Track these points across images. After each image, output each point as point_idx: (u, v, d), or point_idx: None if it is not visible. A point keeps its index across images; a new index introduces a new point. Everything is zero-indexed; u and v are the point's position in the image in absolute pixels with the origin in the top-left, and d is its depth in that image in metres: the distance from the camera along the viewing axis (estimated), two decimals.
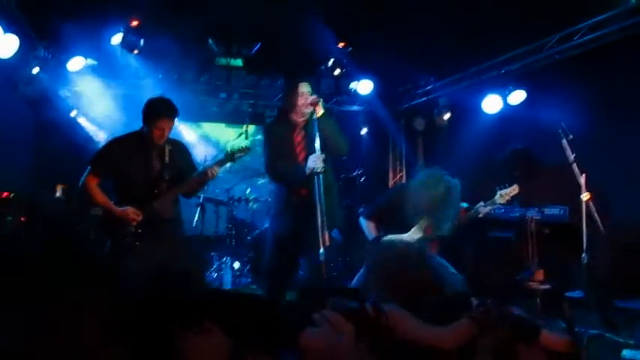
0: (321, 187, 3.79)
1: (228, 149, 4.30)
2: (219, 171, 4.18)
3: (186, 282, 1.89)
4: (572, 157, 4.50)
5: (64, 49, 6.62)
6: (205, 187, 7.40)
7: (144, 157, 4.03)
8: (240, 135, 8.34)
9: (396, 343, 2.26)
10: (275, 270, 4.34)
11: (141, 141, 4.03)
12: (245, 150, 4.34)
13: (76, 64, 6.80)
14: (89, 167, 4.00)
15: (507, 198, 4.73)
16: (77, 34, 6.40)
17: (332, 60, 7.99)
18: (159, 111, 3.96)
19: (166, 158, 4.07)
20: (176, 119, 4.10)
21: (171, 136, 4.20)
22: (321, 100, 4.10)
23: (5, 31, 5.42)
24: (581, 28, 5.81)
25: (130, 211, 3.90)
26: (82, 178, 3.99)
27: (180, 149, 4.25)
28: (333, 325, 2.20)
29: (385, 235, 4.75)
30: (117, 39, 6.76)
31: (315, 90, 4.26)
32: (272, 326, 1.92)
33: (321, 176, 3.83)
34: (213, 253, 7.61)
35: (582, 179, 4.39)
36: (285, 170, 4.18)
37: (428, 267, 2.77)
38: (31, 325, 1.63)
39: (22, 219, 5.86)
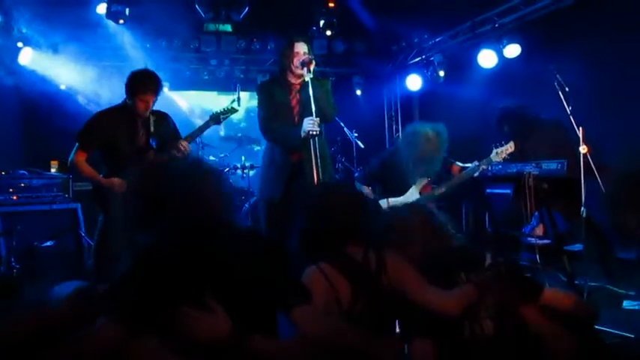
0: (317, 151, 3.75)
1: (214, 111, 4.31)
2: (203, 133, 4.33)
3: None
4: (568, 109, 4.44)
5: (48, 21, 6.47)
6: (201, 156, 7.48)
7: (129, 128, 4.05)
8: (232, 102, 8.19)
9: (390, 299, 2.26)
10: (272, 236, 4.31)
11: (125, 113, 4.05)
12: (230, 111, 4.35)
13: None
14: (77, 144, 4.02)
15: (504, 155, 4.70)
16: (61, 6, 6.26)
17: (323, 21, 7.84)
18: (142, 85, 3.96)
19: (151, 128, 4.10)
20: (165, 88, 4.07)
21: (163, 105, 4.25)
22: (314, 61, 3.99)
23: None
24: None
25: (116, 181, 3.93)
26: (72, 155, 4.02)
27: (165, 119, 4.28)
28: (328, 278, 2.19)
29: (381, 198, 4.73)
30: (102, 9, 6.63)
31: (311, 51, 4.15)
32: (271, 304, 1.92)
33: (316, 139, 3.79)
34: None
35: (580, 132, 4.34)
36: (280, 131, 4.12)
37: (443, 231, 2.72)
38: None
39: None
